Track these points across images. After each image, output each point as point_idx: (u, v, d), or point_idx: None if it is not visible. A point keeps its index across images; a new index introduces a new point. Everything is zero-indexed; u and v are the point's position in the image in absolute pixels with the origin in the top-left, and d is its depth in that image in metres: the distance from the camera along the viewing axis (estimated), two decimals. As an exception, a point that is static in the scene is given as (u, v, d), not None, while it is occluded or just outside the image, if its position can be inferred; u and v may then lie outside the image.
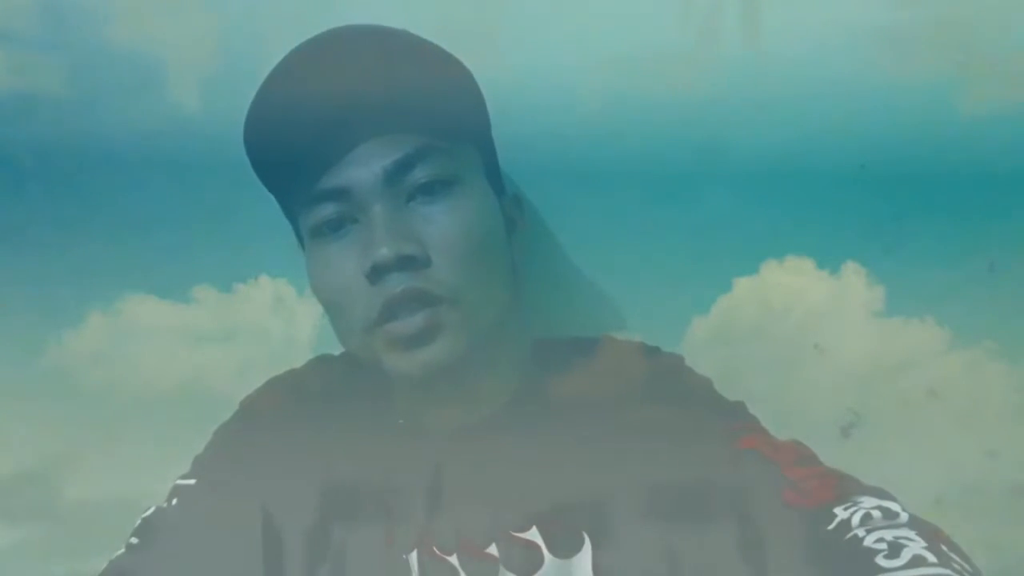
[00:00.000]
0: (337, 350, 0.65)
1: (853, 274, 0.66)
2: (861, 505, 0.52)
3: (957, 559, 0.50)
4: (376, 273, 0.55)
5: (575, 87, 0.66)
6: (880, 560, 0.49)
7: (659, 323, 0.68)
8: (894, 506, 0.52)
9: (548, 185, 0.69)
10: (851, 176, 0.65)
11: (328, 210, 0.56)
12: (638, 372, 0.62)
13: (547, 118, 0.66)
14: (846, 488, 0.54)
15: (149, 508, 0.62)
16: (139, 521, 0.62)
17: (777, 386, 0.68)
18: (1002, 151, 0.63)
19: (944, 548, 0.50)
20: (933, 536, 0.51)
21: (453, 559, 0.57)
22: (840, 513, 0.52)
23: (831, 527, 0.52)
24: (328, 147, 0.56)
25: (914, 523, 0.51)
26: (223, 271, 0.74)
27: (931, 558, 0.48)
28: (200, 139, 0.70)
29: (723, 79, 0.65)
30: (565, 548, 0.56)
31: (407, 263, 0.54)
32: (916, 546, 0.49)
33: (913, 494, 0.54)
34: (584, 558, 0.56)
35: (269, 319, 0.74)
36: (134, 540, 0.61)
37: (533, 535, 0.57)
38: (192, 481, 0.63)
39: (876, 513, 0.52)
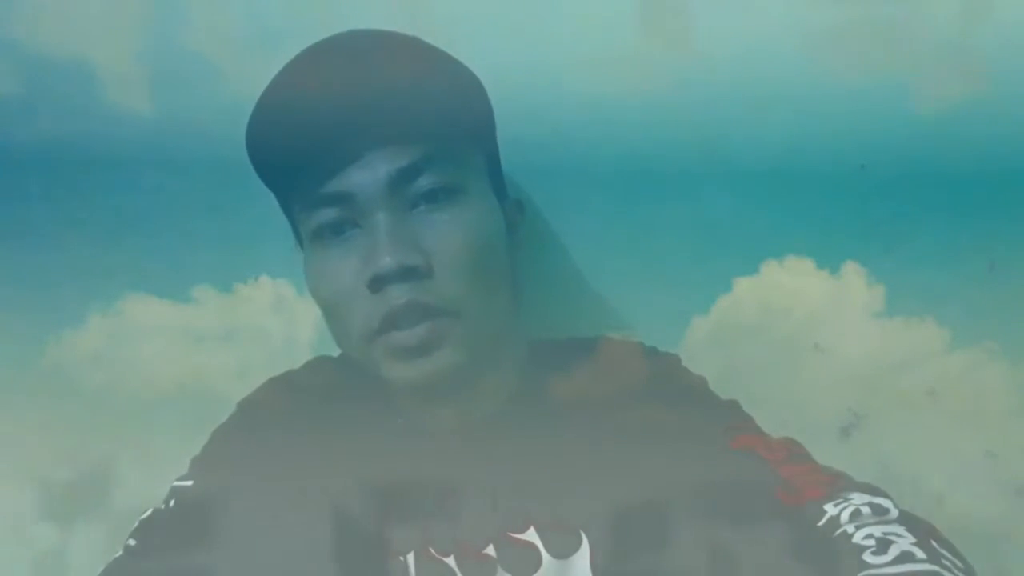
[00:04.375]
0: (336, 351, 0.65)
1: (853, 274, 0.66)
2: (851, 501, 0.52)
3: (947, 555, 0.49)
4: (378, 283, 0.54)
5: (574, 87, 0.66)
6: (867, 556, 0.48)
7: (659, 323, 0.68)
8: (885, 502, 0.52)
9: (548, 185, 0.68)
10: (851, 176, 0.65)
11: (330, 214, 0.56)
12: (634, 372, 0.62)
13: (546, 118, 0.66)
14: (838, 485, 0.54)
15: (147, 510, 0.62)
16: (136, 523, 0.62)
17: (777, 386, 0.68)
18: (1003, 151, 0.63)
19: (935, 544, 0.50)
20: (923, 533, 0.50)
21: (450, 560, 0.57)
22: (830, 509, 0.52)
23: (820, 523, 0.52)
24: (333, 152, 0.55)
25: (904, 519, 0.51)
26: (223, 271, 0.74)
27: (919, 554, 0.48)
28: (201, 139, 0.70)
29: (724, 79, 0.65)
30: (563, 548, 0.57)
31: (409, 274, 0.54)
32: (905, 542, 0.49)
33: (913, 494, 0.54)
34: (582, 558, 0.56)
35: (269, 319, 0.74)
36: (132, 542, 0.61)
37: (531, 536, 0.57)
38: (189, 483, 0.62)
39: (866, 509, 0.51)
